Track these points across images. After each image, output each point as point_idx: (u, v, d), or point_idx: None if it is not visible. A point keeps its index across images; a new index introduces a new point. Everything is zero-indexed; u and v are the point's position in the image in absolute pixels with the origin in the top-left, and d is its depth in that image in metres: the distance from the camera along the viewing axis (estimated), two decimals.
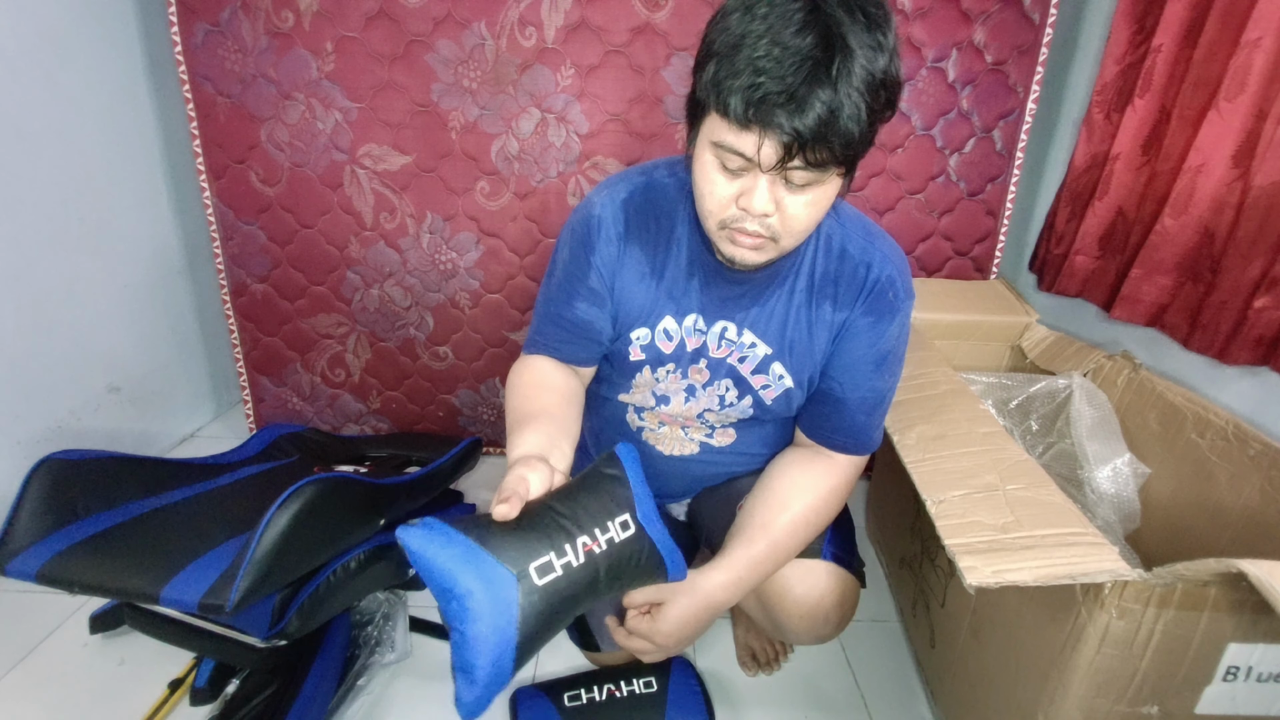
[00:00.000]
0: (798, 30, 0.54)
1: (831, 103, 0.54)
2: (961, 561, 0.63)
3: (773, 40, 0.54)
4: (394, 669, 1.03)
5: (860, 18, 0.55)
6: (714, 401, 0.83)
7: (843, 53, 0.54)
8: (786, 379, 0.79)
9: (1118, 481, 1.03)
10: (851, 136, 0.56)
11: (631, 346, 0.81)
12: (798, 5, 0.55)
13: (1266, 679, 0.66)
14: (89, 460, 0.94)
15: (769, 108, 0.55)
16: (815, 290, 0.76)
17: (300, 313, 1.49)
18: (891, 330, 0.76)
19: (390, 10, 1.27)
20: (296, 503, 0.84)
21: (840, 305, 0.76)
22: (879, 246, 0.76)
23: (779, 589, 0.82)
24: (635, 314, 0.79)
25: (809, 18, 0.54)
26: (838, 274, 0.75)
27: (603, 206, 0.77)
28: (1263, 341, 0.93)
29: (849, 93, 0.54)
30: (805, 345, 0.77)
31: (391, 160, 1.37)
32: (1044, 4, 1.27)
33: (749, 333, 0.78)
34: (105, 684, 0.98)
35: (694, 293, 0.78)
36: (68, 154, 1.25)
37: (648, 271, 0.78)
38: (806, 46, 0.54)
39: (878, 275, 0.74)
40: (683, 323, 0.79)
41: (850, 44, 0.54)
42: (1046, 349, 1.25)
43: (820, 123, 0.55)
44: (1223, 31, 0.96)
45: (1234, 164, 0.96)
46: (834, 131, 0.55)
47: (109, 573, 0.82)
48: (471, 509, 1.36)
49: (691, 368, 0.81)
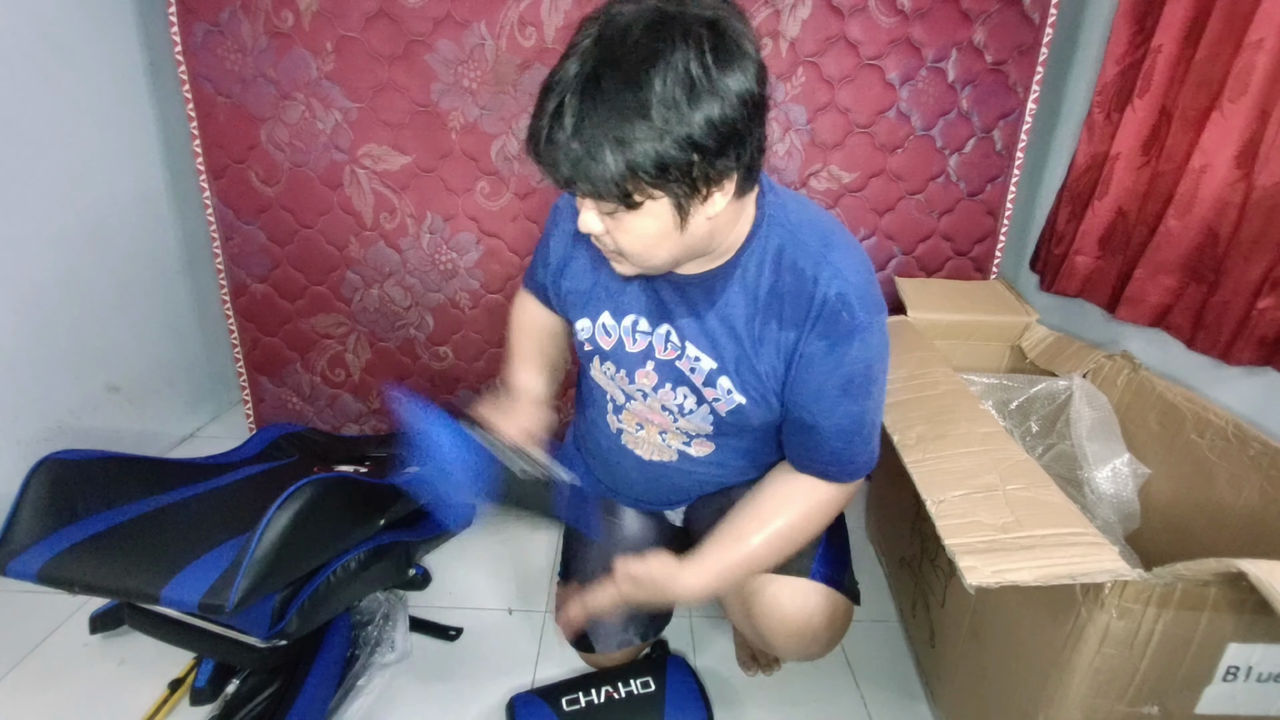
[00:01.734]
0: (571, 64, 0.55)
1: (568, 144, 0.55)
2: (961, 561, 0.63)
3: (551, 75, 0.56)
4: (394, 669, 1.03)
5: (635, 50, 0.54)
6: (672, 405, 0.81)
7: (591, 92, 0.54)
8: (736, 394, 0.76)
9: (1117, 482, 1.03)
10: (601, 173, 0.56)
11: (579, 336, 0.83)
12: (588, 37, 0.56)
13: (1266, 679, 0.66)
14: (89, 460, 0.94)
15: (533, 150, 0.58)
16: (761, 306, 0.71)
17: (300, 313, 1.49)
18: (853, 353, 0.69)
19: (390, 10, 1.27)
20: (296, 503, 0.84)
21: (787, 324, 0.71)
22: (833, 260, 0.69)
23: (767, 607, 0.82)
24: (579, 303, 0.82)
25: (585, 52, 0.55)
26: (785, 290, 0.70)
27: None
28: (1266, 342, 0.93)
29: (593, 130, 0.54)
30: (751, 363, 0.73)
31: (391, 160, 1.37)
32: (1044, 4, 1.27)
33: (691, 345, 0.76)
34: (105, 684, 0.98)
35: (634, 292, 0.78)
36: (68, 154, 1.25)
37: (589, 265, 0.81)
38: (564, 81, 0.55)
39: (826, 293, 0.68)
40: (621, 321, 0.79)
41: (604, 80, 0.54)
42: (1046, 349, 1.25)
43: (569, 160, 0.56)
44: (1225, 32, 0.96)
45: (1237, 165, 0.96)
46: (581, 167, 0.56)
47: (109, 573, 0.82)
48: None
49: (638, 371, 0.80)
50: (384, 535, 1.05)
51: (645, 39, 0.54)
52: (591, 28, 0.56)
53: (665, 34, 0.54)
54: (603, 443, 0.93)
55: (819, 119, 1.34)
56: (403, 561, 1.08)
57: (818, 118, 1.34)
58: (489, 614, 1.16)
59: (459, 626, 1.11)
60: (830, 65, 1.30)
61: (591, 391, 0.91)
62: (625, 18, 0.55)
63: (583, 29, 0.57)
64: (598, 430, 0.93)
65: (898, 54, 1.30)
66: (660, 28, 0.54)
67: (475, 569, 1.26)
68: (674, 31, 0.54)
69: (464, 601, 1.18)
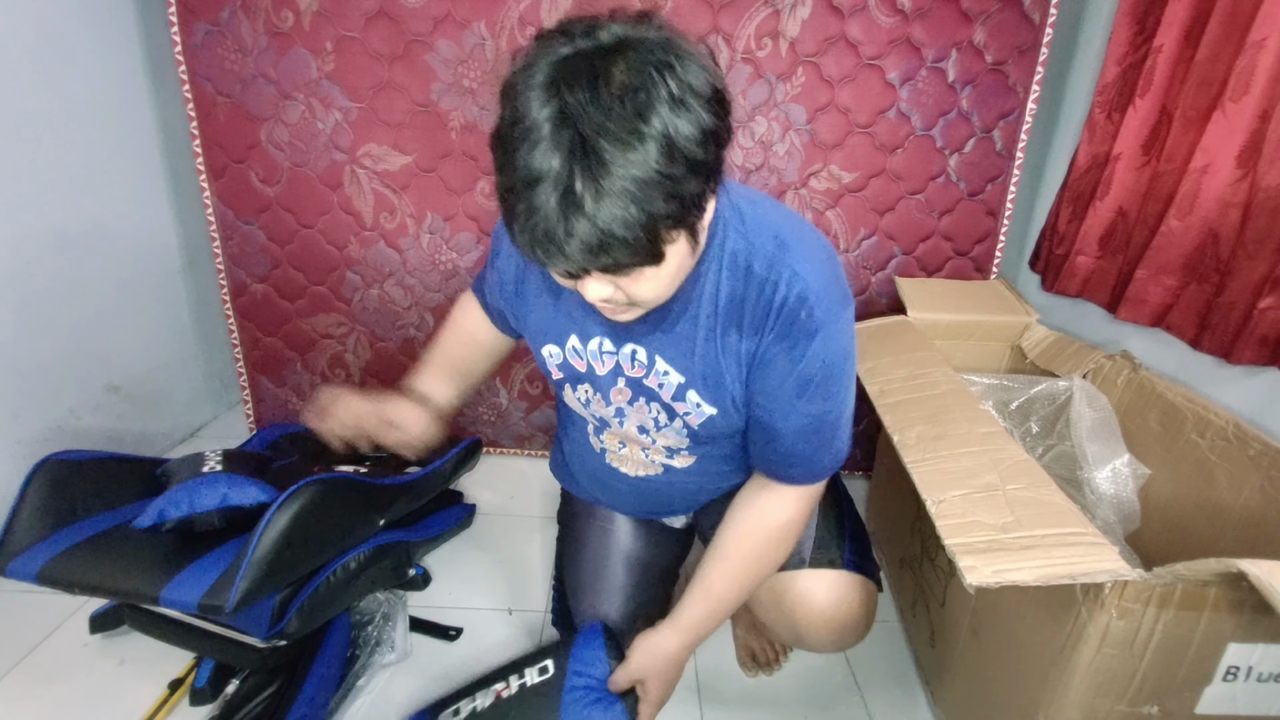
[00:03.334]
0: (546, 150, 0.48)
1: (589, 231, 0.49)
2: (961, 561, 0.63)
3: (526, 171, 0.49)
4: (394, 669, 1.03)
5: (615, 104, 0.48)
6: (646, 421, 0.80)
7: (592, 169, 0.48)
8: (705, 407, 0.74)
9: (1117, 482, 1.03)
10: (632, 243, 0.51)
11: (549, 364, 0.81)
12: (545, 113, 0.48)
13: (1266, 679, 0.66)
14: (89, 460, 0.94)
15: (540, 252, 0.52)
16: (721, 317, 0.69)
17: (300, 313, 1.49)
18: (812, 351, 0.67)
19: (390, 10, 1.27)
20: (296, 503, 0.84)
21: (747, 333, 0.69)
22: (790, 260, 0.66)
23: (803, 602, 0.82)
24: (542, 330, 0.79)
25: (556, 130, 0.48)
26: (744, 296, 0.68)
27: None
28: (1268, 342, 0.93)
29: (613, 208, 0.49)
30: (716, 375, 0.72)
31: (391, 160, 1.37)
32: (1044, 4, 1.27)
33: (660, 359, 0.73)
34: (105, 684, 0.98)
35: (596, 314, 0.73)
36: (68, 154, 1.25)
37: (545, 290, 0.78)
38: (553, 172, 0.48)
39: (785, 295, 0.66)
40: (587, 345, 0.77)
41: (603, 152, 0.48)
42: (1046, 349, 1.25)
43: (589, 249, 0.50)
44: (1227, 32, 0.96)
45: (1239, 165, 0.96)
46: (608, 250, 0.51)
47: (109, 573, 0.82)
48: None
49: (611, 389, 0.79)
50: (384, 535, 1.05)
51: (621, 91, 0.48)
52: (537, 109, 0.49)
53: (636, 74, 0.49)
54: (590, 462, 0.93)
55: (819, 119, 1.34)
56: (403, 561, 1.08)
57: (818, 118, 1.34)
58: (489, 614, 1.16)
59: (459, 626, 1.11)
60: (830, 65, 1.30)
61: (570, 415, 0.91)
62: (576, 78, 0.49)
63: (521, 114, 0.50)
64: (583, 449, 0.93)
65: (898, 54, 1.30)
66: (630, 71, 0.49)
67: (475, 569, 1.26)
68: (642, 68, 0.49)
69: (464, 601, 1.18)
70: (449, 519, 1.28)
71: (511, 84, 0.52)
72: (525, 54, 0.52)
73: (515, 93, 0.51)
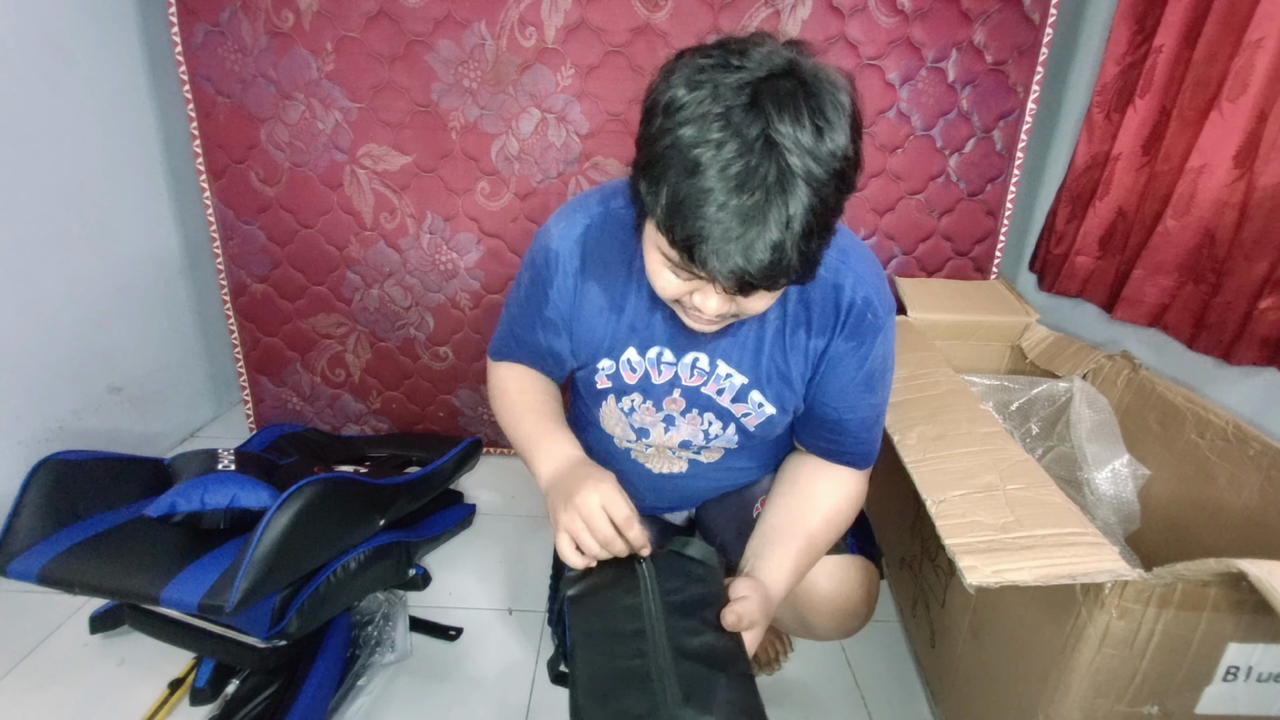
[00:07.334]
0: (750, 169, 0.51)
1: (775, 251, 0.52)
2: (961, 561, 0.63)
3: (724, 183, 0.51)
4: (394, 669, 1.03)
5: (816, 139, 0.52)
6: (697, 434, 0.82)
7: (789, 198, 0.51)
8: (767, 407, 0.77)
9: (1117, 483, 1.03)
10: (800, 269, 0.55)
11: (598, 375, 0.81)
12: (753, 132, 0.51)
13: (1266, 679, 0.66)
14: (89, 461, 0.94)
15: (717, 263, 0.53)
16: (789, 317, 0.73)
17: (300, 313, 1.49)
18: (876, 350, 0.74)
19: (390, 10, 1.27)
20: (296, 503, 0.84)
21: (815, 332, 0.73)
22: (852, 265, 0.72)
23: (806, 587, 0.82)
24: (598, 346, 0.79)
25: (765, 151, 0.51)
26: (810, 299, 0.73)
27: (559, 240, 0.75)
28: (1268, 342, 0.93)
29: (799, 237, 0.52)
30: (782, 373, 0.76)
31: (391, 160, 1.37)
32: (1044, 4, 1.27)
33: (723, 363, 0.76)
34: (105, 684, 0.98)
35: (658, 325, 0.76)
36: (68, 154, 1.25)
37: (606, 306, 0.77)
38: (756, 192, 0.51)
39: (852, 299, 0.71)
40: (645, 354, 0.77)
41: (799, 181, 0.51)
42: (1046, 349, 1.25)
43: (766, 268, 0.53)
44: (1224, 32, 0.96)
45: (1236, 165, 0.96)
46: (781, 270, 0.54)
47: (109, 573, 0.82)
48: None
49: (666, 399, 0.80)
50: (384, 535, 1.05)
51: (821, 122, 0.52)
52: (746, 126, 0.51)
53: (832, 109, 0.53)
54: (613, 453, 0.91)
55: None
56: (403, 561, 1.08)
57: None
58: (489, 614, 1.16)
59: (459, 626, 1.11)
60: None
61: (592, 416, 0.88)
62: (783, 105, 0.52)
63: (724, 124, 0.52)
64: (607, 441, 0.90)
65: (898, 54, 1.30)
66: (828, 105, 0.53)
67: (475, 569, 1.26)
68: (835, 102, 0.53)
69: (464, 601, 1.18)
70: (449, 519, 1.28)
71: (703, 93, 0.53)
72: (706, 63, 0.55)
73: (715, 100, 0.52)
